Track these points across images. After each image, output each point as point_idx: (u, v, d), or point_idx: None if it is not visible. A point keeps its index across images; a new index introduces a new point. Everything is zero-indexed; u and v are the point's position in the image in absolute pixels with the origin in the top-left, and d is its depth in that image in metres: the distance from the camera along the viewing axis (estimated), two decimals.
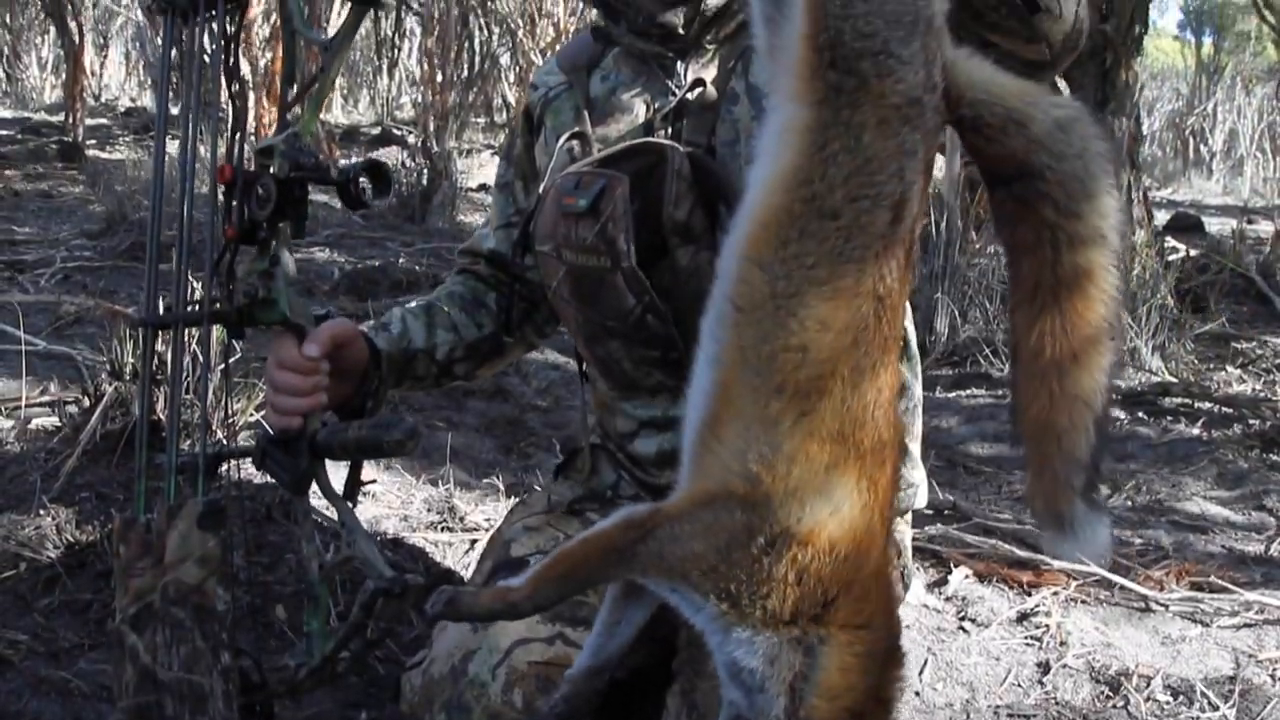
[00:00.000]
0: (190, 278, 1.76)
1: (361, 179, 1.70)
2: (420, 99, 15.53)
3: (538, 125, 2.05)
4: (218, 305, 1.70)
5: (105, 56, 24.83)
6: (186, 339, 1.80)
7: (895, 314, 1.32)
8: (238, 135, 1.69)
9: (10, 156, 12.05)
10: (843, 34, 1.28)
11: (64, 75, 16.66)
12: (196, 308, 1.72)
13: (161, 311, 1.78)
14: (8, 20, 22.37)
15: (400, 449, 1.64)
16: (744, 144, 1.82)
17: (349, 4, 1.70)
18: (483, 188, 11.45)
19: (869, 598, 1.30)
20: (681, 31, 1.88)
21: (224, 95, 1.71)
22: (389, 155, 13.85)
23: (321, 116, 1.76)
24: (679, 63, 1.91)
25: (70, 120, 14.40)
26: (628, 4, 1.93)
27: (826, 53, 1.28)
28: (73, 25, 14.87)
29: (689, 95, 1.86)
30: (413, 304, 2.06)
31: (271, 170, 1.66)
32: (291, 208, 1.67)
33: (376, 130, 17.27)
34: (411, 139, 14.80)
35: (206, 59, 1.72)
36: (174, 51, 1.77)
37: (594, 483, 2.05)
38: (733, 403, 1.31)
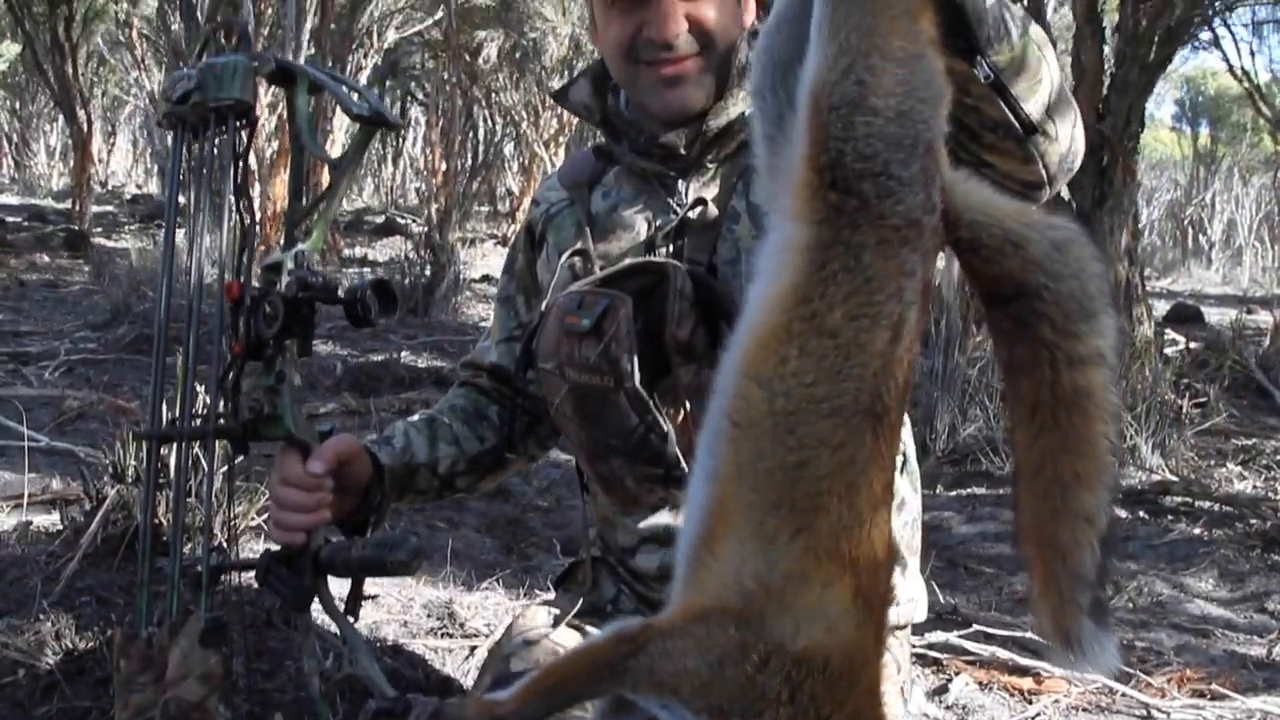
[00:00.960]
0: (196, 385, 1.76)
1: (368, 295, 1.72)
2: (424, 187, 15.68)
3: (540, 241, 2.08)
4: (223, 420, 1.71)
5: (113, 143, 25.14)
6: (190, 450, 1.79)
7: (893, 432, 1.33)
8: (246, 253, 1.71)
9: (17, 245, 12.17)
10: (844, 155, 1.29)
11: (71, 163, 16.85)
12: (201, 421, 1.73)
13: (165, 423, 1.79)
14: (17, 108, 22.68)
15: (404, 569, 1.65)
16: (745, 262, 1.83)
17: (358, 123, 1.72)
18: (485, 279, 11.51)
19: (862, 717, 1.29)
20: (683, 151, 1.90)
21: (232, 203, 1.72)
22: (393, 245, 13.96)
23: None
24: (680, 181, 1.93)
25: (77, 208, 14.56)
26: (630, 124, 1.96)
27: (828, 173, 1.30)
28: (81, 114, 15.09)
29: (690, 214, 1.88)
30: (415, 417, 2.07)
31: (279, 288, 1.68)
32: (298, 326, 1.68)
33: (381, 219, 17.41)
34: (416, 227, 14.91)
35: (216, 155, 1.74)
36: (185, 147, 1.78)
37: (595, 596, 2.04)
38: (729, 518, 1.31)
